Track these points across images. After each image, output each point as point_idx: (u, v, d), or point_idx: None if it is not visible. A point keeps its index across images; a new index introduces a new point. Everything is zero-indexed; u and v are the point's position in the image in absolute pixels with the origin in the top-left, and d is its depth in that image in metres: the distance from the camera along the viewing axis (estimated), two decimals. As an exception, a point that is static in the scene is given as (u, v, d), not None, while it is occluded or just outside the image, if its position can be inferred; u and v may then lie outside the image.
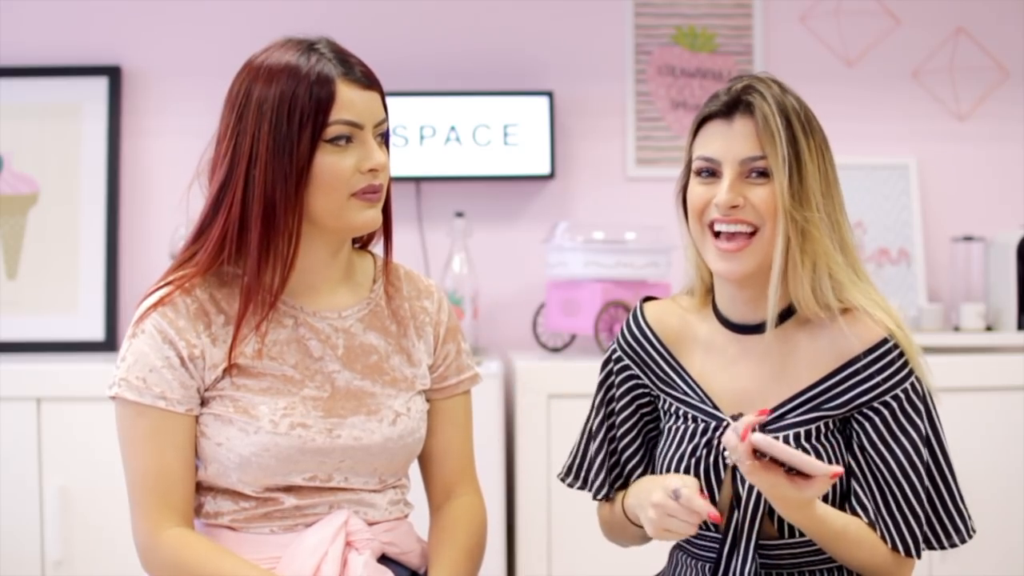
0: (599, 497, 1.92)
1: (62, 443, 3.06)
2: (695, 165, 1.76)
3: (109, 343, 3.45)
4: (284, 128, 1.69)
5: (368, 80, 1.75)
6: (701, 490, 1.72)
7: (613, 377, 1.90)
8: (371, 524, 1.83)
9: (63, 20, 3.55)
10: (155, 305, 1.75)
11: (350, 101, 1.72)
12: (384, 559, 1.84)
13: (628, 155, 3.61)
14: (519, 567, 3.13)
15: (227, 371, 1.76)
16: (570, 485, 1.95)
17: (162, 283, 1.78)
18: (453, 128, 3.50)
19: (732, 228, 1.73)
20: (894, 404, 1.74)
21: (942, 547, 1.77)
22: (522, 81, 3.57)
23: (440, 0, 3.58)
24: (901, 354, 1.75)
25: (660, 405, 1.87)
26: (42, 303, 3.48)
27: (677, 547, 1.88)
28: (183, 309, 1.75)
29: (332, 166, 1.71)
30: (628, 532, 1.87)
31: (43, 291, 3.48)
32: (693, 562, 1.83)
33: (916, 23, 3.63)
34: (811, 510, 1.66)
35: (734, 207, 1.72)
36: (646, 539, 1.89)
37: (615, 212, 3.58)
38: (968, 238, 3.50)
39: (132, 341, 1.75)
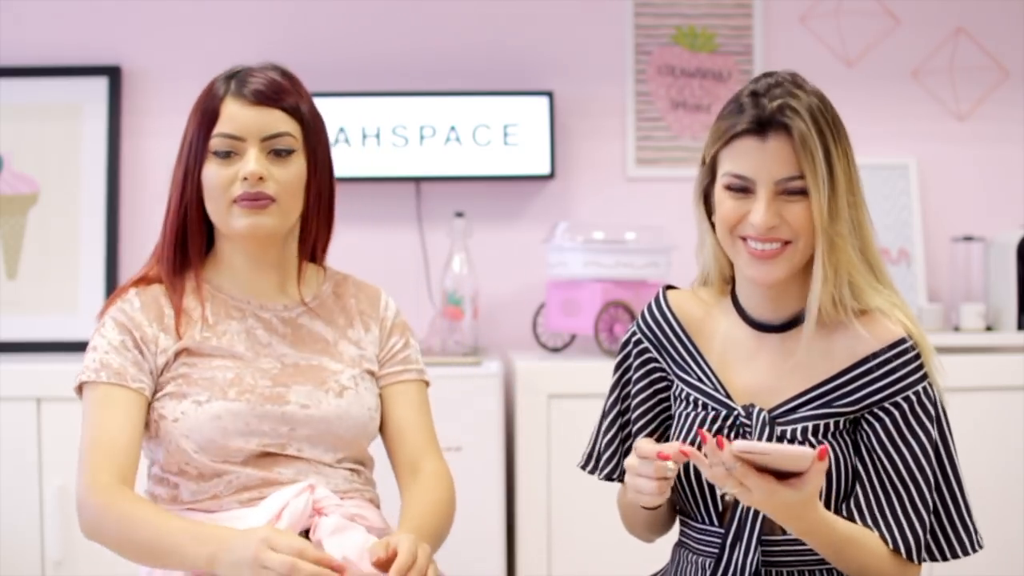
0: (614, 478, 1.91)
1: (62, 443, 3.06)
2: (725, 180, 1.73)
3: (109, 343, 3.45)
4: (190, 142, 1.92)
5: (258, 97, 1.89)
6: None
7: (631, 360, 1.90)
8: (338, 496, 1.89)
9: (63, 20, 3.55)
10: (112, 301, 1.94)
11: (231, 116, 1.88)
12: None
13: (628, 155, 3.61)
14: (519, 567, 3.13)
15: (179, 355, 1.89)
16: (585, 470, 1.95)
17: (123, 286, 1.96)
18: (453, 128, 3.50)
19: (767, 246, 1.73)
20: (905, 406, 1.74)
21: (944, 558, 1.76)
22: (522, 81, 3.57)
23: (440, 0, 3.58)
24: (917, 356, 1.75)
25: (673, 390, 1.87)
26: (42, 303, 3.48)
27: (679, 544, 1.89)
28: (137, 303, 1.92)
29: (211, 174, 1.89)
30: (636, 514, 1.86)
31: (43, 291, 3.48)
32: (695, 558, 1.83)
33: (916, 23, 3.63)
34: (815, 513, 1.65)
35: (771, 227, 1.72)
36: (657, 523, 1.89)
37: (615, 212, 3.58)
38: (968, 238, 3.50)
39: (94, 336, 1.91)
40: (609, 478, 1.92)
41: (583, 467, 1.95)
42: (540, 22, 3.59)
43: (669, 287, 1.92)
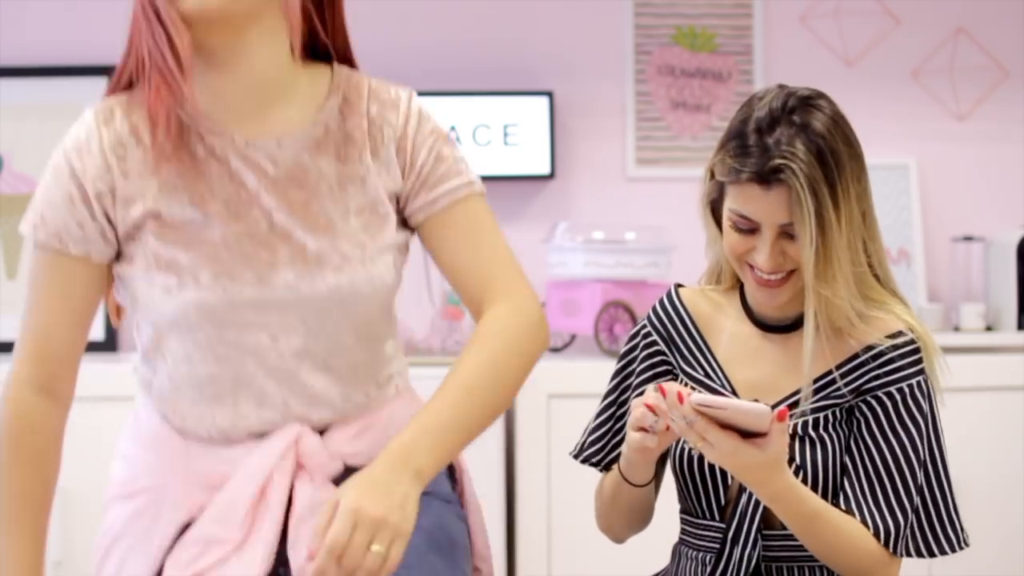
0: (592, 462, 1.91)
1: (62, 443, 3.06)
2: (732, 217, 1.76)
3: (109, 343, 3.45)
4: None
5: None
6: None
7: (636, 352, 1.91)
8: (324, 430, 1.63)
9: (63, 20, 3.55)
10: (68, 141, 1.65)
11: None
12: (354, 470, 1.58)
13: (628, 155, 3.61)
14: (519, 567, 3.13)
15: (146, 219, 1.58)
16: (576, 458, 1.95)
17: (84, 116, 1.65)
18: (453, 128, 3.50)
19: (773, 276, 1.76)
20: (897, 396, 1.75)
21: (930, 554, 1.76)
22: (522, 81, 3.57)
23: (440, 0, 3.58)
24: (916, 350, 1.76)
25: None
26: (42, 303, 3.47)
27: (680, 542, 1.89)
28: (96, 143, 1.62)
29: None
30: (619, 497, 1.85)
31: (43, 291, 3.48)
32: (696, 554, 1.84)
33: (916, 23, 3.63)
34: (782, 480, 1.65)
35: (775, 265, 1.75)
36: (637, 511, 1.87)
37: (615, 212, 3.58)
38: (968, 238, 3.50)
39: (43, 178, 1.65)
40: (588, 462, 1.93)
41: (572, 454, 1.96)
42: (540, 22, 3.59)
43: (679, 285, 1.94)
